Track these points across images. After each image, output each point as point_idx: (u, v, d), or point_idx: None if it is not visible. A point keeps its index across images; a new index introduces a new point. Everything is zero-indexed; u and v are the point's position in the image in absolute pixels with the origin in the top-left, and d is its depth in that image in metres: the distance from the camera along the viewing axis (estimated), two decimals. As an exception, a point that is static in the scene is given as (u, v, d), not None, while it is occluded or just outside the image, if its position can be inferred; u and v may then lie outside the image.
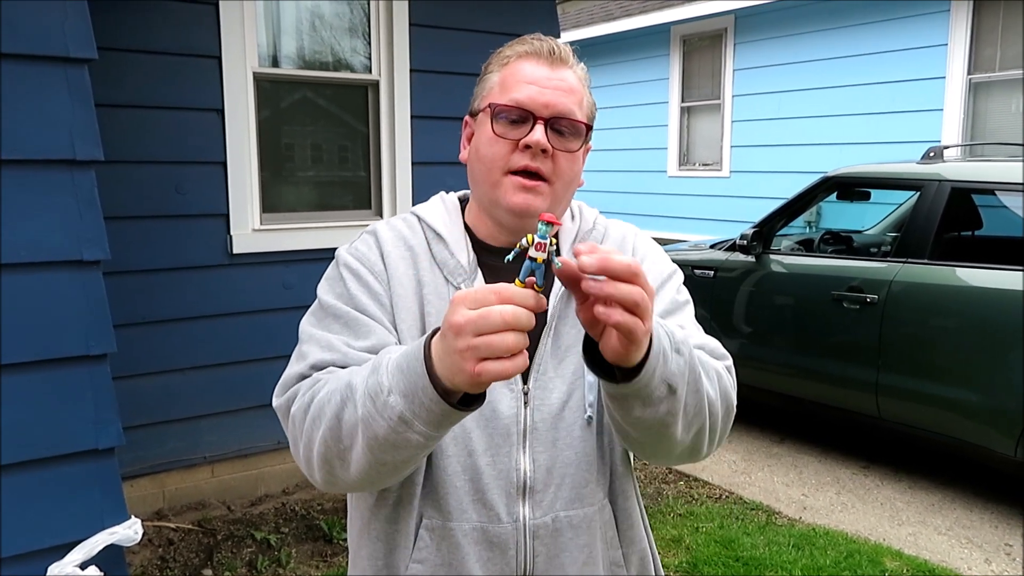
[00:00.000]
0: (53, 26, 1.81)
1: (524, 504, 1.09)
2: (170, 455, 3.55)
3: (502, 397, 1.09)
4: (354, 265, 1.12)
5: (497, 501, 1.08)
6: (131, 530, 1.87)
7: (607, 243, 1.21)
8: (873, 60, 7.17)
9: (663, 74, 9.28)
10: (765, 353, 4.67)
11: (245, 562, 3.22)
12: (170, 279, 3.45)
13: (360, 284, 1.11)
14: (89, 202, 1.85)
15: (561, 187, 1.11)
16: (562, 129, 1.09)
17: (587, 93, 1.14)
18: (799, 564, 3.29)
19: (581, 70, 1.14)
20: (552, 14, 4.25)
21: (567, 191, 1.13)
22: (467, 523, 1.08)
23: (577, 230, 1.21)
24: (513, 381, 1.09)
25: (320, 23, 3.84)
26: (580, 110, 1.11)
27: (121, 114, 3.23)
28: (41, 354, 1.81)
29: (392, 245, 1.15)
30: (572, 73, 1.12)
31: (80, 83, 1.85)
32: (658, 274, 1.20)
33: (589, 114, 1.13)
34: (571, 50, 1.14)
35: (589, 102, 1.14)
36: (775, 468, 4.43)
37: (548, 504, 1.10)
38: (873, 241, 5.19)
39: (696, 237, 7.40)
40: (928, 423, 3.94)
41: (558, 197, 1.11)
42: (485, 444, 1.08)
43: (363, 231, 1.20)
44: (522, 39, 1.14)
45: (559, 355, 1.12)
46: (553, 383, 1.11)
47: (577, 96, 1.11)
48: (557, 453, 1.10)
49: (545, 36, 1.14)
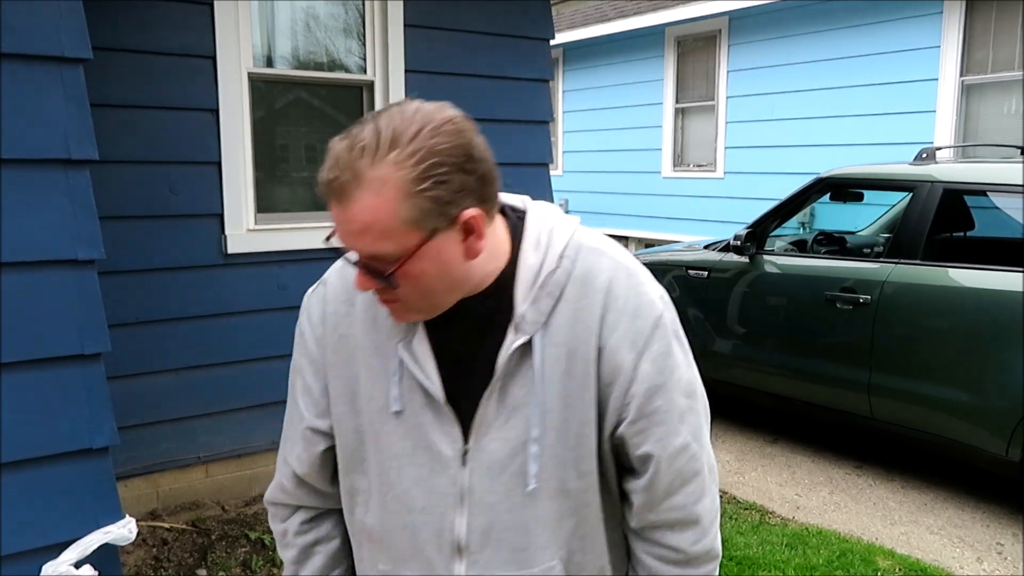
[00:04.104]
0: (48, 26, 1.81)
1: (460, 562, 1.07)
2: (164, 455, 3.54)
3: (441, 456, 1.06)
4: (302, 326, 1.17)
5: (434, 557, 1.08)
6: (125, 529, 1.87)
7: (571, 287, 1.03)
8: (866, 62, 7.20)
9: (657, 75, 9.30)
10: (758, 354, 4.69)
11: (239, 562, 3.22)
12: (164, 279, 3.45)
13: (303, 350, 1.16)
14: (84, 202, 1.86)
15: (419, 301, 0.99)
16: (375, 269, 0.96)
17: (402, 203, 0.91)
18: (792, 563, 3.31)
19: (387, 176, 0.90)
20: (547, 15, 4.26)
21: (435, 294, 0.99)
22: (412, 572, 1.10)
23: (540, 266, 1.03)
24: (455, 439, 1.06)
25: (315, 23, 3.85)
26: (388, 240, 0.92)
27: (116, 114, 3.23)
28: (35, 353, 1.81)
29: (336, 303, 1.11)
30: (362, 203, 0.91)
31: (75, 83, 1.85)
32: (637, 335, 1.04)
33: (413, 226, 0.92)
34: (369, 153, 0.90)
35: (408, 215, 0.91)
36: (768, 468, 4.45)
37: (484, 564, 1.07)
38: (866, 242, 5.21)
39: (690, 238, 7.42)
40: (920, 423, 3.96)
41: (426, 306, 1.01)
42: (423, 503, 1.08)
43: (323, 276, 1.17)
44: (331, 145, 0.95)
45: (505, 414, 1.04)
46: (494, 443, 1.05)
47: (376, 229, 0.92)
48: (495, 517, 1.06)
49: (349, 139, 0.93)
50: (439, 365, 1.05)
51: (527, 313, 1.02)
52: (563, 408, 1.04)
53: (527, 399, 1.03)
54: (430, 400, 1.06)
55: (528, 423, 1.03)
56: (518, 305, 1.03)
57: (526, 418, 1.03)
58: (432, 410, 1.06)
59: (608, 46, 9.82)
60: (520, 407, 1.03)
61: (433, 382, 1.04)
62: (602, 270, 1.05)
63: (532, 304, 1.02)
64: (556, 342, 1.03)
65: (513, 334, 1.02)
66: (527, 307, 1.02)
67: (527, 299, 1.02)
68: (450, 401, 1.05)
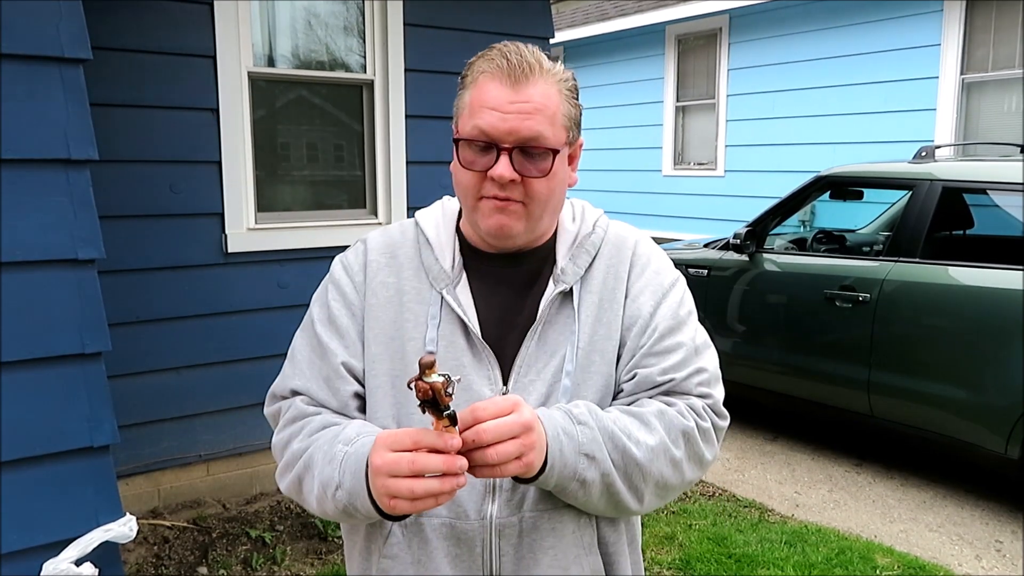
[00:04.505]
0: (47, 26, 1.81)
1: (492, 503, 1.10)
2: (165, 453, 3.55)
3: (480, 396, 1.10)
4: (337, 275, 1.21)
5: (466, 499, 1.10)
6: (126, 527, 1.87)
7: (605, 247, 1.19)
8: (867, 60, 7.20)
9: (658, 73, 9.30)
10: (758, 352, 4.69)
11: (240, 560, 3.23)
12: (165, 278, 3.45)
13: (337, 293, 1.19)
14: (84, 201, 1.86)
15: (537, 207, 1.10)
16: (531, 152, 1.06)
17: (563, 102, 1.08)
18: (791, 561, 3.31)
19: (553, 78, 1.08)
20: (547, 14, 4.26)
21: (547, 208, 1.12)
22: (436, 518, 1.10)
23: (577, 232, 1.20)
24: (494, 381, 1.11)
25: (315, 23, 3.85)
26: (551, 127, 1.06)
27: (116, 113, 3.24)
28: (36, 352, 1.81)
29: (377, 253, 1.20)
30: (539, 88, 1.06)
31: (75, 83, 1.85)
32: (657, 287, 1.17)
33: (567, 123, 1.09)
34: (540, 56, 1.08)
35: (566, 112, 1.09)
36: (768, 466, 4.46)
37: (516, 504, 1.10)
38: (866, 240, 5.22)
39: (690, 236, 7.42)
40: (919, 421, 3.97)
41: (535, 216, 1.11)
42: None
43: (359, 238, 1.25)
44: (488, 52, 1.10)
45: (545, 356, 1.13)
46: (533, 385, 1.12)
47: (546, 114, 1.06)
48: None
49: (514, 44, 1.09)
50: (481, 316, 1.14)
51: (567, 267, 1.16)
52: (595, 352, 1.13)
53: (565, 342, 1.12)
54: (470, 341, 1.12)
55: (564, 361, 1.11)
56: (559, 260, 1.16)
57: (562, 358, 1.12)
58: (471, 352, 1.12)
59: (609, 44, 9.82)
60: (557, 350, 1.13)
61: (472, 320, 1.12)
62: (630, 236, 1.23)
63: (571, 260, 1.17)
64: (591, 290, 1.15)
65: (554, 285, 1.15)
66: (567, 262, 1.16)
67: (567, 256, 1.17)
68: (490, 347, 1.13)
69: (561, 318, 1.13)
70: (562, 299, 1.14)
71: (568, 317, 1.13)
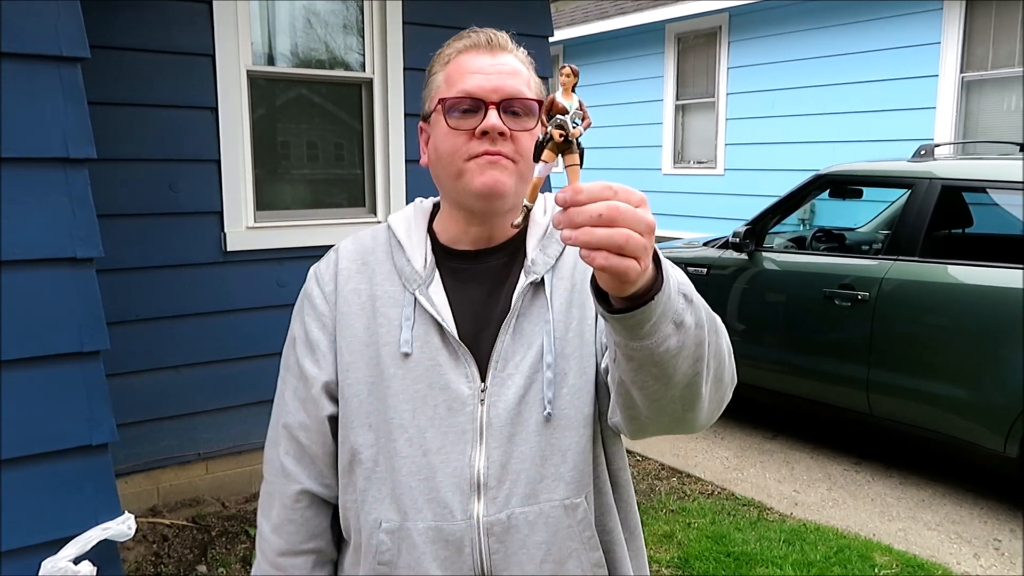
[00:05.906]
0: (46, 25, 1.82)
1: (478, 501, 1.08)
2: (164, 452, 3.56)
3: (458, 395, 1.09)
4: (309, 286, 1.22)
5: (451, 499, 1.08)
6: (124, 525, 1.88)
7: None
8: (866, 58, 7.20)
9: (657, 72, 9.29)
10: (758, 350, 4.69)
11: (239, 558, 3.24)
12: (164, 277, 3.46)
13: (310, 306, 1.20)
14: (82, 200, 1.86)
15: (525, 166, 1.10)
16: (515, 110, 1.09)
17: (532, 74, 1.15)
18: (790, 559, 3.32)
19: (523, 53, 1.16)
20: (546, 12, 4.26)
21: (530, 171, 1.10)
22: (422, 522, 1.08)
23: (547, 224, 1.18)
24: (471, 379, 1.10)
25: (314, 21, 3.85)
26: (529, 89, 1.11)
27: (114, 112, 3.24)
28: (35, 351, 1.82)
29: (348, 260, 1.20)
30: (513, 57, 1.14)
31: (73, 82, 1.86)
32: None
33: (538, 93, 1.13)
34: (509, 36, 1.16)
35: (536, 82, 1.14)
36: (767, 464, 4.46)
37: (503, 501, 1.08)
38: (865, 239, 5.22)
39: (690, 234, 7.43)
40: (918, 419, 3.97)
41: (524, 176, 1.10)
42: (439, 443, 1.09)
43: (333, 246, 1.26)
44: (458, 35, 1.16)
45: (522, 349, 1.11)
46: (512, 379, 1.10)
47: (523, 77, 1.12)
48: (512, 449, 1.09)
49: (480, 28, 1.16)
50: (456, 314, 1.13)
51: (537, 258, 1.15)
52: (572, 336, 1.12)
53: (540, 332, 1.11)
54: (445, 340, 1.11)
55: (542, 352, 1.10)
56: (530, 252, 1.15)
57: (540, 349, 1.10)
58: (447, 351, 1.11)
59: (608, 43, 9.82)
60: (534, 341, 1.11)
61: (446, 319, 1.12)
62: None
63: (541, 251, 1.15)
64: (562, 276, 1.14)
65: (525, 276, 1.14)
66: (537, 253, 1.15)
67: (537, 247, 1.16)
68: (466, 344, 1.12)
69: (535, 309, 1.12)
70: (534, 290, 1.13)
71: (542, 307, 1.13)
